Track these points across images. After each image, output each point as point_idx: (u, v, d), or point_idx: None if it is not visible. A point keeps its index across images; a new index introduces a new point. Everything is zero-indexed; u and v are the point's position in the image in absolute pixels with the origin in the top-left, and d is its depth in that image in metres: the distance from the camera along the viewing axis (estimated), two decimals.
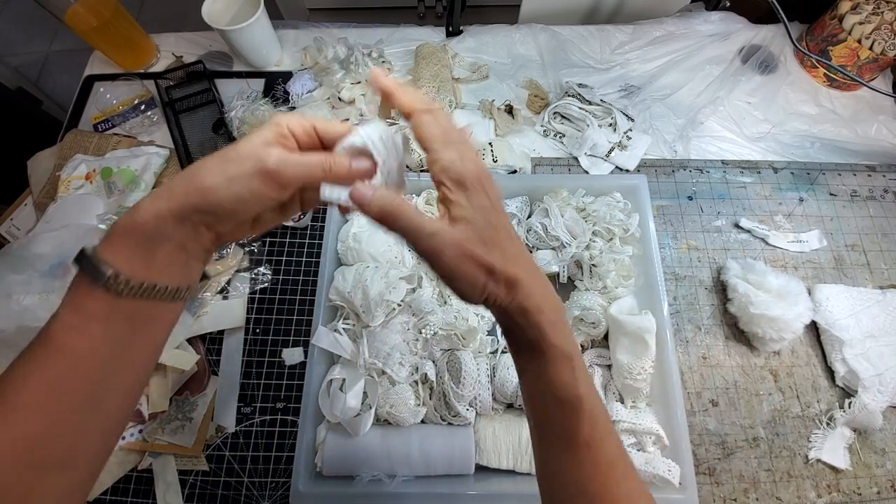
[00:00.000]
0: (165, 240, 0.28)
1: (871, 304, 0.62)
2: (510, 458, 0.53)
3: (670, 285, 0.66)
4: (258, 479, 0.57)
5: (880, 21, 0.73)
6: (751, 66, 0.82)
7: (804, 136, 0.77)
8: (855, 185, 0.73)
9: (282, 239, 0.69)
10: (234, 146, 0.29)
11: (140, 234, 0.28)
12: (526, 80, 0.81)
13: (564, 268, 0.60)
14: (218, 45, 0.86)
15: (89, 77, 0.83)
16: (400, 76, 0.83)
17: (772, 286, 0.59)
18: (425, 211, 0.65)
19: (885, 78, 0.83)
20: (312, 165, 0.29)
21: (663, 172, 0.74)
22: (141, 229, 0.28)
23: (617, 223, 0.60)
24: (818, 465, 0.57)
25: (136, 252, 0.28)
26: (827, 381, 0.61)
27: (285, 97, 0.79)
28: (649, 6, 0.91)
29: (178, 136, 0.76)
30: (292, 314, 0.65)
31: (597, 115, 0.74)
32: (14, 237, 0.71)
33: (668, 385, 0.53)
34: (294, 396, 0.60)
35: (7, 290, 0.59)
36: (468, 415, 0.54)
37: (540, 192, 0.65)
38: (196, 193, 0.28)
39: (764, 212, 0.71)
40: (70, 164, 0.71)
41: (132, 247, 0.28)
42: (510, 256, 0.29)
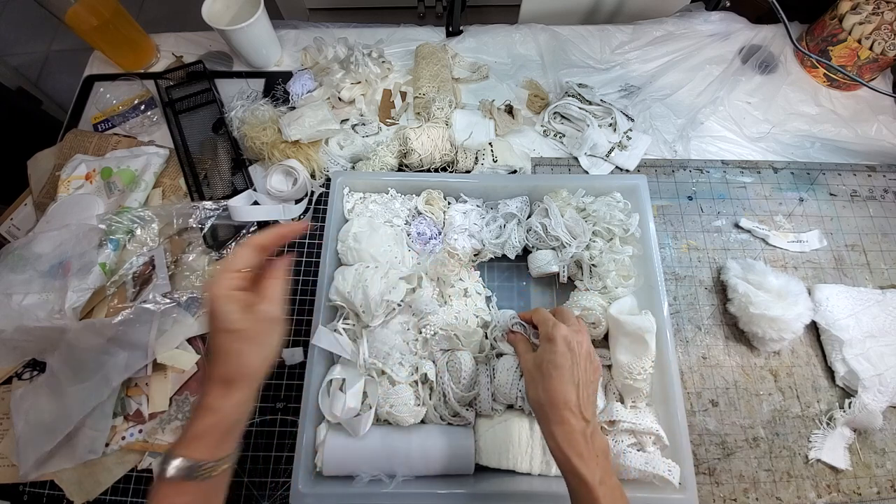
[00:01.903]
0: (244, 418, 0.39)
1: (871, 304, 0.62)
2: (510, 458, 0.52)
3: (670, 285, 0.66)
4: (258, 479, 0.57)
5: (880, 21, 0.73)
6: (751, 66, 0.82)
7: (804, 136, 0.77)
8: (855, 185, 0.73)
9: None
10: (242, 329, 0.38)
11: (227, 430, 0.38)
12: (526, 80, 0.81)
13: (564, 268, 0.60)
14: (218, 45, 0.86)
15: (89, 77, 0.83)
16: (400, 76, 0.83)
17: (772, 286, 0.59)
18: (424, 210, 0.65)
19: (885, 78, 0.83)
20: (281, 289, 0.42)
21: (663, 172, 0.74)
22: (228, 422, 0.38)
23: (617, 223, 0.60)
24: (818, 465, 0.57)
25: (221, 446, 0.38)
26: (827, 381, 0.61)
27: (285, 97, 0.79)
28: (649, 6, 0.91)
29: (178, 136, 0.76)
30: (292, 314, 0.65)
31: (597, 115, 0.74)
32: (14, 237, 0.71)
33: (668, 385, 0.53)
34: (294, 396, 0.60)
35: (7, 290, 0.59)
36: (468, 415, 0.54)
37: (540, 192, 0.65)
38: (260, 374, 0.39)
39: (764, 212, 0.71)
40: (70, 164, 0.71)
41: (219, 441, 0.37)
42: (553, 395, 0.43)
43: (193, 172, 0.72)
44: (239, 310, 0.38)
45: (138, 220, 0.65)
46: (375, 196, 0.66)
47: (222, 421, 0.37)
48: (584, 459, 0.40)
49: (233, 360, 0.38)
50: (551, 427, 0.42)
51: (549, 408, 0.43)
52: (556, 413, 0.42)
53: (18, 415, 0.57)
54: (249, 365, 0.38)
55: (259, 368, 0.39)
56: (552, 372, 0.44)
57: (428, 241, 0.64)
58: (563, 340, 0.45)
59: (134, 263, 0.64)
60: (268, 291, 0.40)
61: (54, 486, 0.56)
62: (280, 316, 0.40)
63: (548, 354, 0.45)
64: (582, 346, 0.46)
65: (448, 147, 0.71)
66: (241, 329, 0.38)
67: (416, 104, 0.77)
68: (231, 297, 0.38)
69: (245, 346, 0.38)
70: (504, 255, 0.63)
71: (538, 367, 0.46)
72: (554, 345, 0.45)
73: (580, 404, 0.43)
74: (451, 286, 0.61)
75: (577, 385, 0.44)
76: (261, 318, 0.39)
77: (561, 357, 0.44)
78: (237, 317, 0.37)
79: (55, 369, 0.57)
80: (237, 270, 0.39)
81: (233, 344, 0.38)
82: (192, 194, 0.71)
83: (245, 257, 0.40)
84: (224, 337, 0.38)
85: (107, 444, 0.57)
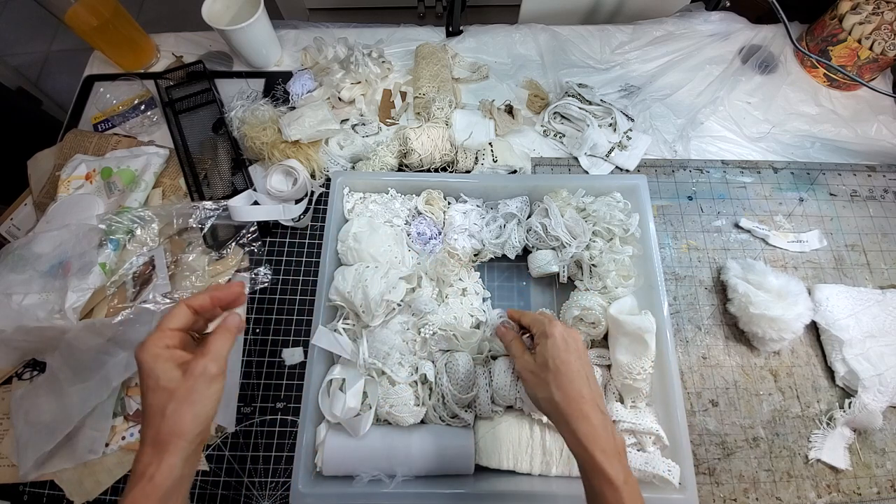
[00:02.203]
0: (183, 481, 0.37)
1: (871, 304, 0.62)
2: (510, 458, 0.53)
3: (670, 285, 0.66)
4: (258, 479, 0.57)
5: (880, 21, 0.73)
6: (751, 66, 0.82)
7: (804, 136, 0.77)
8: (855, 185, 0.73)
9: (282, 239, 0.69)
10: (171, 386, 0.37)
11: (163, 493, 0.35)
12: (526, 80, 0.81)
13: (564, 268, 0.60)
14: (218, 45, 0.86)
15: (89, 77, 0.83)
16: (400, 76, 0.83)
17: (772, 286, 0.59)
18: (424, 210, 0.65)
19: (885, 78, 0.83)
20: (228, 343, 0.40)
21: (663, 172, 0.74)
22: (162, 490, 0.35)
23: (617, 223, 0.60)
24: (818, 465, 0.57)
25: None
26: (827, 381, 0.61)
27: (285, 97, 0.79)
28: (649, 6, 0.91)
29: (178, 136, 0.76)
30: (292, 314, 0.65)
31: (597, 115, 0.74)
32: (14, 237, 0.71)
33: (668, 385, 0.53)
34: (294, 396, 0.60)
35: (7, 290, 0.59)
36: (467, 417, 0.54)
37: (540, 192, 0.65)
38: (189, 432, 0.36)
39: (764, 212, 0.71)
40: (70, 164, 0.71)
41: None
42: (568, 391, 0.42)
43: (193, 172, 0.72)
44: (170, 368, 0.37)
45: (138, 220, 0.65)
46: (375, 196, 0.66)
47: (156, 489, 0.35)
48: (609, 456, 0.39)
49: (163, 420, 0.36)
50: (573, 425, 0.41)
51: (565, 405, 0.42)
52: (576, 409, 0.41)
53: (18, 415, 0.57)
54: (180, 425, 0.36)
55: (191, 428, 0.36)
56: (560, 367, 0.43)
57: (428, 241, 0.64)
58: (562, 336, 0.45)
59: (134, 263, 0.64)
60: (209, 347, 0.39)
61: (54, 486, 0.56)
62: (218, 372, 0.38)
63: (551, 350, 0.44)
64: (579, 339, 0.46)
65: (448, 147, 0.71)
66: (170, 388, 0.36)
67: (416, 104, 0.77)
68: (161, 355, 0.37)
69: (175, 405, 0.36)
70: (504, 255, 0.63)
71: (543, 366, 0.44)
72: (554, 339, 0.45)
73: (594, 397, 0.42)
74: (451, 286, 0.61)
75: (587, 378, 0.43)
76: (195, 374, 0.37)
77: (564, 352, 0.44)
78: (168, 375, 0.37)
79: (55, 369, 0.57)
80: (170, 329, 0.39)
81: (162, 403, 0.36)
82: (192, 194, 0.71)
83: (179, 317, 0.39)
84: (153, 396, 0.36)
85: (107, 444, 0.57)
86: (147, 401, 0.37)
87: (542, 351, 0.45)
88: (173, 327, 0.39)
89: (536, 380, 0.45)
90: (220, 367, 0.38)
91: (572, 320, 0.58)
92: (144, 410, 0.37)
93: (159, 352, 0.37)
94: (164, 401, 0.36)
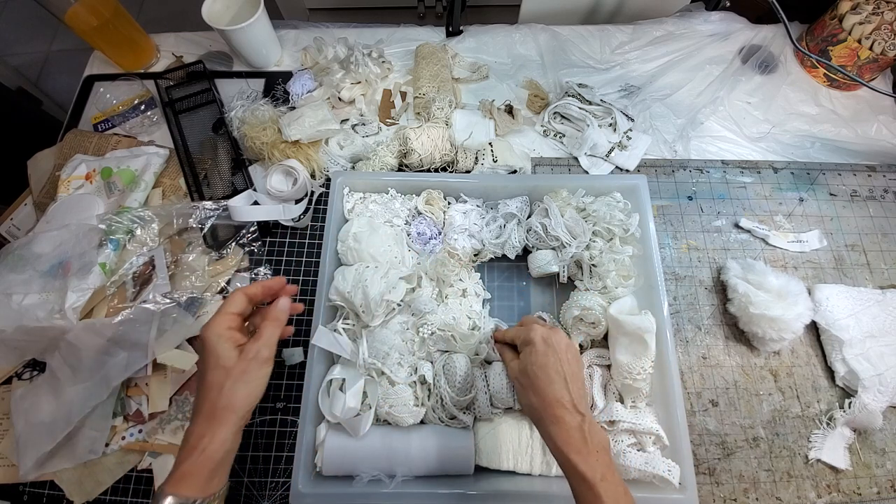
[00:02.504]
0: (230, 454, 0.41)
1: (871, 304, 0.62)
2: (510, 458, 0.53)
3: (670, 285, 0.66)
4: (258, 479, 0.57)
5: (880, 21, 0.73)
6: (751, 66, 0.82)
7: (804, 136, 0.77)
8: (855, 185, 0.73)
9: (282, 239, 0.69)
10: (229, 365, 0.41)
11: (213, 464, 0.39)
12: (526, 80, 0.81)
13: (564, 268, 0.60)
14: (218, 45, 0.86)
15: (89, 77, 0.83)
16: (400, 76, 0.83)
17: (772, 286, 0.59)
18: (424, 210, 0.65)
19: (885, 78, 0.83)
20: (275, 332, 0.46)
21: (663, 172, 0.74)
22: (213, 460, 0.39)
23: (617, 223, 0.60)
24: (818, 465, 0.57)
25: (211, 481, 0.39)
26: (827, 381, 0.61)
27: (285, 97, 0.79)
28: (649, 6, 0.91)
29: (178, 136, 0.76)
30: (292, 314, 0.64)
31: (597, 115, 0.74)
32: (14, 237, 0.71)
33: (668, 385, 0.53)
34: (294, 396, 0.60)
35: (7, 290, 0.59)
36: (465, 418, 0.54)
37: (540, 192, 0.65)
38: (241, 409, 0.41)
39: (764, 212, 0.71)
40: (70, 164, 0.71)
41: (209, 477, 0.39)
42: (544, 395, 0.43)
43: (193, 172, 0.72)
44: (229, 348, 0.41)
45: (138, 220, 0.65)
46: (375, 196, 0.66)
47: (208, 459, 0.39)
48: (583, 455, 0.40)
49: (219, 395, 0.40)
50: (548, 428, 0.42)
51: (542, 410, 0.43)
52: (550, 412, 0.42)
53: (18, 415, 0.57)
54: (235, 400, 0.40)
55: (243, 405, 0.41)
56: (538, 373, 0.44)
57: (428, 241, 0.64)
58: (541, 339, 0.46)
59: (134, 263, 0.64)
60: (261, 333, 0.44)
61: (54, 487, 0.56)
62: (268, 356, 0.43)
63: (530, 357, 0.45)
64: (560, 340, 0.46)
65: (448, 147, 0.71)
66: (228, 366, 0.41)
67: (416, 104, 0.77)
68: (223, 335, 0.42)
69: (231, 382, 0.40)
70: (504, 255, 0.63)
71: (524, 372, 0.46)
72: (533, 346, 0.46)
73: (572, 399, 0.43)
74: (451, 286, 0.61)
75: (566, 380, 0.44)
76: (249, 356, 0.42)
77: (542, 357, 0.45)
78: (227, 354, 0.41)
79: (55, 369, 0.57)
80: (230, 313, 0.43)
81: (220, 380, 0.40)
82: (192, 194, 0.71)
83: (238, 303, 0.44)
84: (213, 373, 0.41)
85: (107, 444, 0.57)
86: (206, 377, 0.41)
87: (522, 358, 0.47)
88: (233, 311, 0.44)
89: (519, 386, 0.47)
90: (270, 352, 0.43)
91: (572, 320, 0.58)
92: (201, 386, 0.41)
93: (222, 332, 0.42)
94: (222, 378, 0.40)
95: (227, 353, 0.41)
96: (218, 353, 0.41)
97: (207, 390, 0.41)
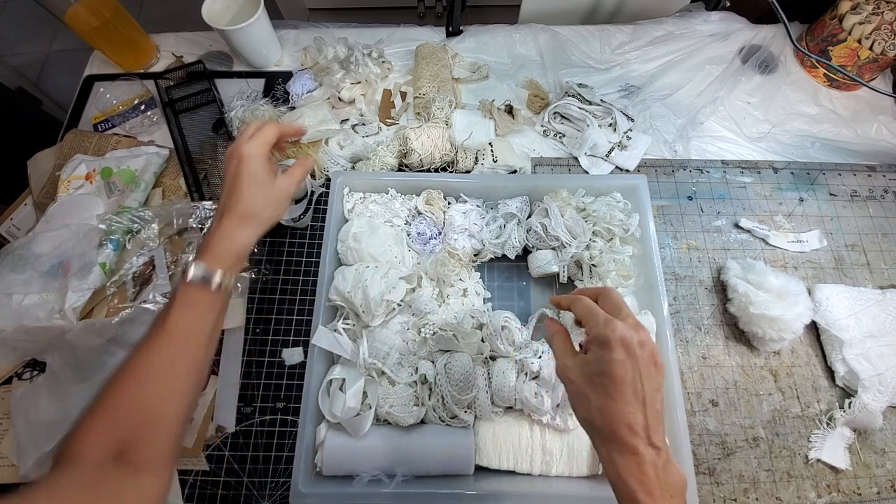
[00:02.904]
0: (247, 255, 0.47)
1: (871, 304, 0.62)
2: (510, 458, 0.53)
3: (670, 285, 0.66)
4: (258, 479, 0.57)
5: (880, 21, 0.73)
6: (751, 66, 0.82)
7: (804, 136, 0.77)
8: (855, 185, 0.73)
9: (282, 239, 0.69)
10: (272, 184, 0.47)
11: (239, 255, 0.45)
12: (526, 80, 0.81)
13: (564, 268, 0.60)
14: (218, 45, 0.86)
15: (89, 77, 0.83)
16: (400, 76, 0.83)
17: (772, 286, 0.59)
18: (424, 210, 0.65)
19: (885, 78, 0.83)
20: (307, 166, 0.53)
21: (663, 172, 0.74)
22: (239, 252, 0.45)
23: (617, 223, 0.60)
24: (818, 465, 0.57)
25: (233, 266, 0.45)
26: (827, 381, 0.61)
27: (285, 97, 0.79)
28: (649, 6, 0.91)
29: (178, 136, 0.76)
30: (292, 314, 0.65)
31: (597, 115, 0.74)
32: (14, 237, 0.71)
33: (669, 385, 0.53)
34: (294, 396, 0.60)
35: (7, 290, 0.59)
36: (467, 417, 0.54)
37: (540, 192, 0.65)
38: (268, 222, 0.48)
39: (764, 212, 0.71)
40: (70, 164, 0.71)
41: (232, 263, 0.44)
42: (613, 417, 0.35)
43: (193, 172, 0.72)
44: (264, 165, 0.47)
45: (138, 220, 0.65)
46: (375, 196, 0.66)
47: (235, 246, 0.44)
48: (654, 499, 0.33)
49: (253, 203, 0.45)
50: (612, 455, 0.35)
51: (607, 433, 0.35)
52: (619, 440, 0.34)
53: (18, 415, 0.56)
54: (265, 211, 0.47)
55: (267, 218, 0.47)
56: (609, 388, 0.35)
57: (428, 241, 0.64)
58: (622, 343, 0.35)
59: (134, 263, 0.64)
60: (291, 170, 0.50)
61: None
62: (291, 191, 0.49)
63: (603, 365, 0.36)
64: (645, 347, 0.36)
65: (448, 147, 0.71)
66: (261, 181, 0.46)
67: (416, 104, 0.77)
68: (261, 154, 0.46)
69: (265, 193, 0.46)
70: (504, 255, 0.63)
71: (588, 379, 0.36)
72: (610, 351, 0.35)
73: (648, 427, 0.35)
74: (451, 286, 0.61)
75: (644, 403, 0.35)
76: (281, 184, 0.48)
77: (620, 367, 0.35)
78: (262, 170, 0.46)
79: (55, 369, 0.57)
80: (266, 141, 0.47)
81: (254, 190, 0.46)
82: (192, 194, 0.71)
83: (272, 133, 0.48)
84: (250, 187, 0.45)
85: None
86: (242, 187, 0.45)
87: (590, 359, 0.37)
88: (268, 140, 0.48)
89: (577, 392, 0.37)
90: (295, 187, 0.50)
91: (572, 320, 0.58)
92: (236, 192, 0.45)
93: (260, 153, 0.46)
94: (255, 192, 0.46)
95: (261, 168, 0.46)
96: (254, 171, 0.46)
97: (242, 197, 0.45)
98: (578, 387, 0.37)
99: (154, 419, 0.38)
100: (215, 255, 0.43)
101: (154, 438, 0.38)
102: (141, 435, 0.37)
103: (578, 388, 0.37)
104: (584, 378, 0.37)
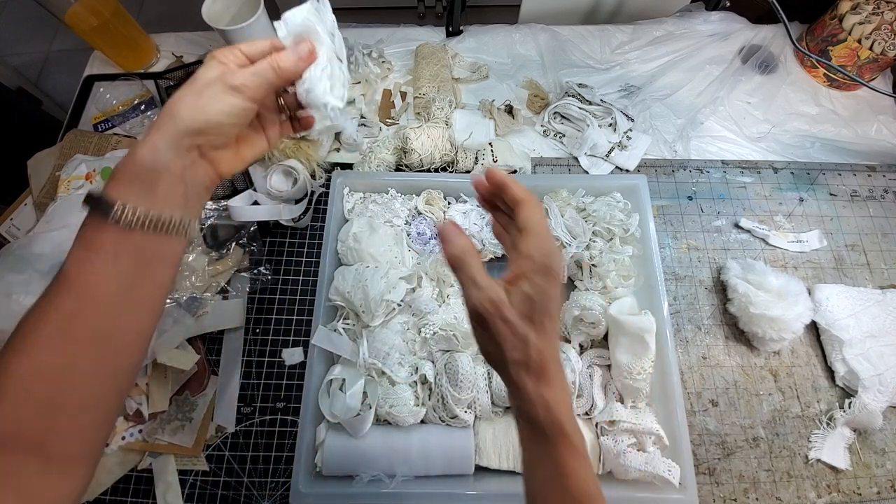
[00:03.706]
0: (164, 170, 0.32)
1: (871, 304, 0.62)
2: (510, 458, 0.53)
3: (670, 285, 0.66)
4: (258, 479, 0.57)
5: (880, 21, 0.73)
6: (751, 66, 0.82)
7: (804, 136, 0.77)
8: (855, 185, 0.73)
9: (282, 239, 0.69)
10: (197, 78, 0.34)
11: (140, 169, 0.31)
12: (526, 80, 0.81)
13: (564, 268, 0.60)
14: (218, 45, 0.86)
15: (89, 77, 0.83)
16: (400, 76, 0.83)
17: (772, 286, 0.59)
18: (424, 210, 0.65)
19: (885, 78, 0.83)
20: (263, 70, 0.35)
21: (663, 172, 0.74)
22: (140, 165, 0.31)
23: (617, 223, 0.60)
24: (818, 465, 0.57)
25: (139, 187, 0.31)
26: (827, 381, 0.61)
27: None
28: (649, 6, 0.91)
29: None
30: (292, 314, 0.65)
31: (597, 115, 0.74)
32: (14, 237, 0.71)
33: (668, 385, 0.53)
34: (294, 396, 0.60)
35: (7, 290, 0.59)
36: (467, 417, 0.54)
37: (540, 192, 0.65)
38: (181, 119, 0.32)
39: (764, 212, 0.71)
40: (70, 164, 0.71)
41: (135, 182, 0.31)
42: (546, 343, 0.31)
43: None
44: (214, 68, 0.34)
45: None
46: (375, 196, 0.66)
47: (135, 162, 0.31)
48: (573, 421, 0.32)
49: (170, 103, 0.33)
50: (541, 390, 0.31)
51: (538, 368, 0.31)
52: (546, 372, 0.31)
53: None
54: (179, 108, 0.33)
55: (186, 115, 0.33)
56: (546, 324, 0.31)
57: (428, 241, 0.64)
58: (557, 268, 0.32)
59: None
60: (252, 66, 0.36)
61: None
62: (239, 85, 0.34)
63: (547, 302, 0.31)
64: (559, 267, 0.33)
65: (448, 147, 0.71)
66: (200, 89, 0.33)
67: (416, 104, 0.77)
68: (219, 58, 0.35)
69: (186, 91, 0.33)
70: (504, 255, 0.63)
71: (528, 319, 0.31)
72: (554, 281, 0.31)
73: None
74: (451, 286, 0.61)
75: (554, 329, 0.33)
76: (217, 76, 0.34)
77: (558, 305, 0.32)
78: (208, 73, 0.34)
79: None
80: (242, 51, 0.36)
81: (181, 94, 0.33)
82: None
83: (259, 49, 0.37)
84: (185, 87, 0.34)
85: (107, 444, 0.57)
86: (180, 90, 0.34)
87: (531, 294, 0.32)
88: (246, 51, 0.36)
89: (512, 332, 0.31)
90: (243, 82, 0.34)
91: (572, 320, 0.58)
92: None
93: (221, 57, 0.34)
94: (186, 91, 0.33)
95: (208, 71, 0.34)
96: (201, 72, 0.34)
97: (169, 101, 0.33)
98: (515, 328, 0.31)
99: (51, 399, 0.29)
100: (118, 179, 0.31)
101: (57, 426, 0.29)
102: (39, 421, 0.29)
103: (515, 330, 0.31)
104: (523, 317, 0.31)
